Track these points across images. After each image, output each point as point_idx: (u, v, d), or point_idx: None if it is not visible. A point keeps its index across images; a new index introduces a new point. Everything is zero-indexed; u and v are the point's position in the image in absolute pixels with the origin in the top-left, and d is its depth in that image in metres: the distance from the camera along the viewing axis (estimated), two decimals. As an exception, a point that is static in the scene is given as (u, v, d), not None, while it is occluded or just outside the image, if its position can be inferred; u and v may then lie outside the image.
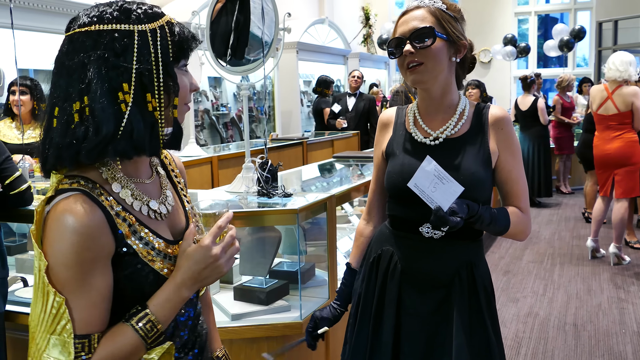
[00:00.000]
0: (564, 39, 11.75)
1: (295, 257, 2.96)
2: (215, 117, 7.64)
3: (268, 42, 3.20)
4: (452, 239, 1.78)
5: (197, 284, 1.21)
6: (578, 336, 4.09)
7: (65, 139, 1.13)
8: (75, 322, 1.11)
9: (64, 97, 1.15)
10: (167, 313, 1.19)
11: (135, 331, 1.15)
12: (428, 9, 1.77)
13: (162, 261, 1.22)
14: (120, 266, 1.17)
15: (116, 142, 1.14)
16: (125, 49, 1.15)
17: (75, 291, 1.11)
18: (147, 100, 1.16)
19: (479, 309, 1.78)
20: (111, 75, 1.13)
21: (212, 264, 1.20)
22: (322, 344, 2.73)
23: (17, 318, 2.64)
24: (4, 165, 2.61)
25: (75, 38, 1.16)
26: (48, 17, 5.10)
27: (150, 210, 1.25)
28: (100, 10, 1.18)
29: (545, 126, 8.19)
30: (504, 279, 5.38)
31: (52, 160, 1.16)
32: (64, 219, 1.10)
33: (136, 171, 1.26)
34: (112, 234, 1.15)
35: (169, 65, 1.19)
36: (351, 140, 7.72)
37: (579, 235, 6.83)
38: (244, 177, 3.05)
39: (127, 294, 1.19)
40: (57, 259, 1.10)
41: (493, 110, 1.84)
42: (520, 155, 1.84)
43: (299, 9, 10.64)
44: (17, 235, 3.50)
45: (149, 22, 1.18)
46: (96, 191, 1.16)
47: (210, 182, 5.12)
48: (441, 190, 1.62)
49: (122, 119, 1.14)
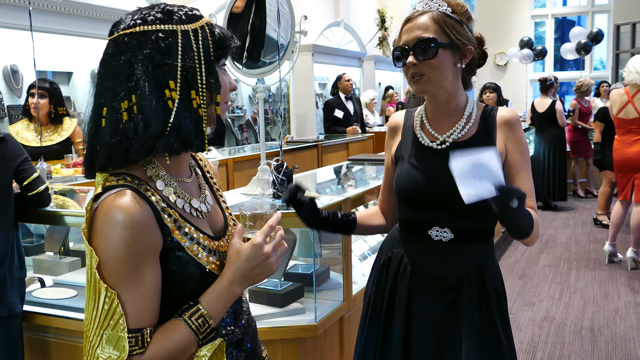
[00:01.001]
0: (582, 42, 11.67)
1: (310, 259, 2.96)
2: (230, 120, 7.67)
3: (284, 44, 3.21)
4: (461, 242, 1.78)
5: (248, 281, 1.24)
6: (595, 341, 4.05)
7: (116, 137, 1.16)
8: (128, 317, 1.12)
9: (112, 97, 1.17)
10: (219, 309, 1.22)
11: (188, 326, 1.18)
12: (431, 16, 1.74)
13: (207, 256, 1.25)
14: (167, 261, 1.19)
15: (165, 138, 1.17)
16: (170, 47, 1.18)
17: (127, 285, 1.13)
18: (191, 98, 1.19)
19: (490, 311, 1.77)
20: (157, 73, 1.16)
21: (264, 262, 1.23)
22: (336, 346, 2.73)
23: (34, 318, 2.67)
24: (23, 166, 2.64)
25: (120, 40, 1.19)
26: (66, 20, 5.15)
27: (193, 208, 1.28)
28: (143, 13, 1.21)
29: (562, 129, 8.14)
30: (520, 282, 5.34)
31: (102, 160, 1.18)
32: (113, 214, 1.12)
33: (178, 170, 1.29)
34: (159, 228, 1.17)
35: (211, 63, 1.22)
36: (366, 143, 7.72)
37: (595, 240, 6.77)
38: (259, 179, 3.06)
39: (174, 289, 1.20)
40: (109, 254, 1.12)
41: (502, 112, 1.83)
42: (529, 156, 1.82)
43: (314, 11, 10.66)
44: (34, 236, 3.53)
45: (191, 22, 1.21)
46: (142, 187, 1.19)
47: (225, 185, 5.14)
48: (484, 170, 1.48)
49: (169, 116, 1.17)
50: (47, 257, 3.24)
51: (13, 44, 5.02)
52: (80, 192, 3.39)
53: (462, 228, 1.78)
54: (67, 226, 3.01)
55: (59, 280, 3.03)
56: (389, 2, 14.21)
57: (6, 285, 2.55)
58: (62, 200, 3.17)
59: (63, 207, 2.89)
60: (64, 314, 2.63)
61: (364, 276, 3.14)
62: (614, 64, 13.14)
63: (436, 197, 1.76)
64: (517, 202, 1.48)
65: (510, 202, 1.47)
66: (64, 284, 2.96)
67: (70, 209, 2.88)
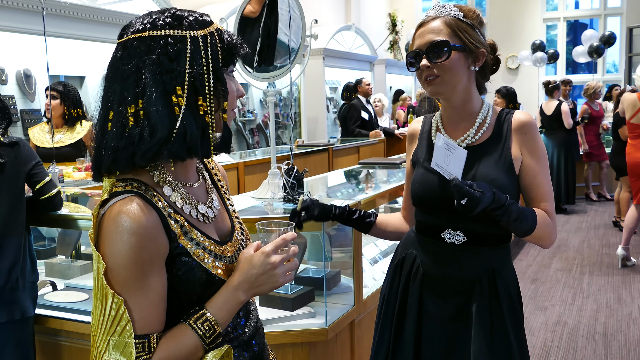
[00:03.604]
0: (594, 45, 11.60)
1: (320, 263, 2.95)
2: (241, 124, 7.69)
3: (295, 48, 3.21)
4: (474, 246, 1.78)
5: (253, 289, 1.23)
6: (608, 346, 4.02)
7: (121, 141, 1.16)
8: (135, 322, 1.13)
9: (119, 101, 1.17)
10: (224, 315, 1.22)
11: (194, 331, 1.18)
12: (444, 20, 1.77)
13: (213, 260, 1.25)
14: (173, 266, 1.19)
15: (170, 144, 1.17)
16: (179, 53, 1.18)
17: (134, 291, 1.13)
18: (198, 104, 1.19)
19: (501, 316, 1.76)
20: (165, 79, 1.16)
21: (269, 271, 1.22)
22: (347, 350, 2.72)
23: (46, 322, 2.68)
24: (35, 170, 2.66)
25: (130, 44, 1.19)
26: (79, 24, 5.18)
27: (199, 213, 1.28)
28: (153, 17, 1.21)
29: (569, 131, 8.14)
30: (532, 287, 5.31)
31: (108, 163, 1.18)
32: (120, 220, 1.12)
33: (185, 175, 1.29)
34: (166, 234, 1.18)
35: (219, 70, 1.22)
36: (377, 147, 7.71)
37: (608, 244, 6.72)
38: (270, 183, 3.06)
39: (181, 294, 1.21)
40: (115, 260, 1.12)
41: (517, 115, 1.82)
42: (546, 160, 1.81)
43: (325, 15, 10.67)
44: (46, 239, 3.55)
45: (200, 28, 1.21)
46: (149, 193, 1.19)
47: (236, 188, 5.14)
48: (453, 161, 1.62)
49: (175, 122, 1.17)
50: (58, 261, 3.26)
51: (26, 48, 5.06)
52: (91, 196, 3.40)
53: (475, 231, 1.77)
54: (78, 230, 3.03)
55: (71, 283, 3.04)
56: (399, 5, 14.20)
57: (18, 288, 2.56)
58: (73, 204, 3.18)
59: (75, 211, 2.90)
60: (75, 317, 2.64)
61: (375, 280, 3.14)
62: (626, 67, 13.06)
63: (448, 200, 1.75)
64: (479, 193, 1.54)
65: (464, 193, 1.54)
66: (76, 287, 2.97)
67: (81, 212, 2.89)
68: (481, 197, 1.55)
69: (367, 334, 2.03)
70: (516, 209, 1.64)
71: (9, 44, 5.02)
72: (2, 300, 2.51)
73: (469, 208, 1.55)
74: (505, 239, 1.83)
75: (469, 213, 1.57)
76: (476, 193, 1.54)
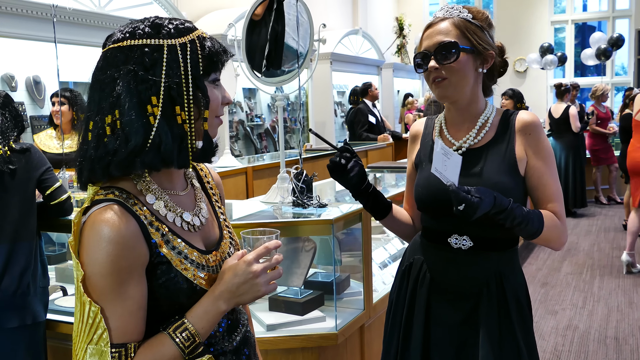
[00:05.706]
0: (602, 48, 11.55)
1: (330, 267, 2.96)
2: (249, 128, 7.70)
3: (303, 53, 3.22)
4: (481, 250, 1.77)
5: (234, 298, 1.21)
6: (620, 350, 3.99)
7: (98, 151, 1.16)
8: (112, 331, 1.12)
9: (97, 111, 1.17)
10: (205, 325, 1.19)
11: (172, 340, 1.16)
12: (452, 21, 1.75)
13: (195, 270, 1.23)
14: (154, 275, 1.18)
15: (144, 154, 1.16)
16: (155, 63, 1.16)
17: (111, 300, 1.12)
18: (176, 113, 1.17)
19: (509, 321, 1.75)
20: (140, 89, 1.15)
21: (251, 280, 1.20)
22: (357, 355, 2.72)
23: (57, 327, 2.69)
24: (45, 176, 2.67)
25: (109, 54, 1.19)
26: (89, 31, 5.20)
27: (184, 221, 1.26)
28: (133, 26, 1.21)
29: (577, 135, 8.11)
30: (542, 290, 5.29)
31: (86, 173, 1.19)
32: (99, 228, 1.12)
33: (170, 183, 1.28)
34: (146, 243, 1.16)
35: (199, 78, 1.20)
36: (385, 151, 7.71)
37: (619, 247, 6.68)
38: (278, 187, 3.06)
39: (162, 303, 1.19)
40: (93, 268, 1.12)
41: (521, 115, 1.80)
42: (553, 160, 1.79)
43: (333, 20, 10.68)
44: (57, 244, 3.56)
45: (179, 36, 1.20)
46: (130, 201, 1.18)
47: (245, 193, 5.15)
48: (450, 166, 1.60)
49: (150, 132, 1.16)
50: (69, 266, 3.27)
51: (35, 55, 5.08)
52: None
53: (481, 236, 1.76)
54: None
55: (81, 288, 3.04)
56: (407, 9, 14.19)
57: (30, 293, 2.58)
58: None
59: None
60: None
61: (385, 284, 3.13)
62: (635, 69, 13.00)
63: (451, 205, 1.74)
64: (477, 199, 1.52)
65: (460, 199, 1.52)
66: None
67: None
68: (479, 202, 1.53)
69: (377, 338, 2.03)
70: (520, 212, 1.62)
71: (19, 51, 5.05)
72: (14, 305, 2.53)
73: (467, 214, 1.54)
74: (512, 242, 1.82)
75: (468, 218, 1.55)
76: (474, 199, 1.52)
